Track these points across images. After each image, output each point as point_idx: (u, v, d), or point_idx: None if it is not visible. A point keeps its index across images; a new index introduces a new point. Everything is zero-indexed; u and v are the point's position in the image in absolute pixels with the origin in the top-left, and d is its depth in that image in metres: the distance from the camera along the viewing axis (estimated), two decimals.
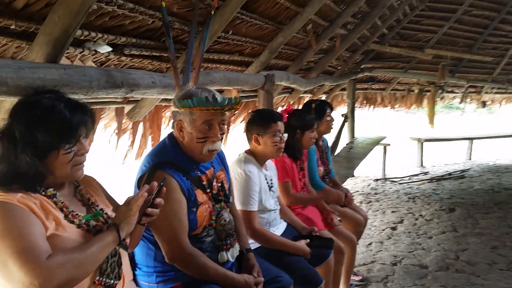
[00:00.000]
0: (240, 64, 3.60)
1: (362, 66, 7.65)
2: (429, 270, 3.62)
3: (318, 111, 3.36)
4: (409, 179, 7.36)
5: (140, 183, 1.74)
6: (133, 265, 1.86)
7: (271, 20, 3.36)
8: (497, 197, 6.14)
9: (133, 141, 3.07)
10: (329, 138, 6.78)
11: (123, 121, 2.91)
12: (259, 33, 3.40)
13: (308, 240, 2.42)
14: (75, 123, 1.32)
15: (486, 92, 9.37)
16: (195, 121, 1.73)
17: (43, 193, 1.32)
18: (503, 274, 3.51)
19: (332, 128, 3.44)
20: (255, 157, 2.43)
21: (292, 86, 4.60)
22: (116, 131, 2.89)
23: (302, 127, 2.82)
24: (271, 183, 2.49)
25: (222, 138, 1.81)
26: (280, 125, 2.39)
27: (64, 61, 2.00)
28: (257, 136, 2.39)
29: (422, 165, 8.52)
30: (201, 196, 1.80)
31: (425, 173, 7.81)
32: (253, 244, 2.34)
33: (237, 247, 1.93)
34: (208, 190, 1.84)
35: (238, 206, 2.24)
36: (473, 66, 8.38)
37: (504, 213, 5.30)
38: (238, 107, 1.80)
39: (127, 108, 2.80)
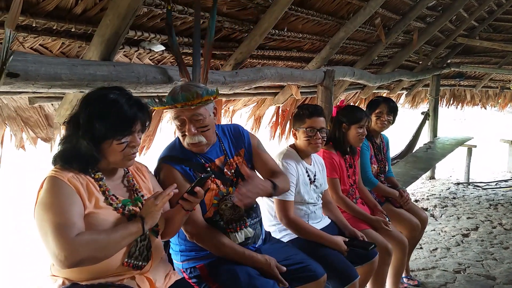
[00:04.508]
0: (300, 60, 3.64)
1: (448, 61, 7.18)
2: (496, 282, 3.35)
3: (369, 106, 3.28)
4: (496, 184, 6.75)
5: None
6: (168, 244, 2.05)
7: (331, 15, 3.35)
8: None
9: None
10: (402, 136, 6.47)
11: None
12: (319, 29, 3.41)
13: (347, 239, 2.42)
14: (131, 118, 1.48)
15: None
16: (172, 118, 1.84)
17: (93, 175, 1.51)
18: None
19: (383, 126, 3.21)
20: (297, 150, 2.49)
21: (359, 81, 4.51)
22: None
23: (349, 121, 2.78)
24: (314, 178, 2.52)
25: (205, 131, 1.81)
26: (317, 121, 2.39)
27: (123, 59, 2.27)
28: (294, 131, 2.45)
29: None
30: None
31: None
32: (290, 235, 2.41)
33: (242, 233, 1.92)
34: (213, 176, 1.85)
35: None
36: None
37: None
38: (197, 102, 1.74)
39: None
